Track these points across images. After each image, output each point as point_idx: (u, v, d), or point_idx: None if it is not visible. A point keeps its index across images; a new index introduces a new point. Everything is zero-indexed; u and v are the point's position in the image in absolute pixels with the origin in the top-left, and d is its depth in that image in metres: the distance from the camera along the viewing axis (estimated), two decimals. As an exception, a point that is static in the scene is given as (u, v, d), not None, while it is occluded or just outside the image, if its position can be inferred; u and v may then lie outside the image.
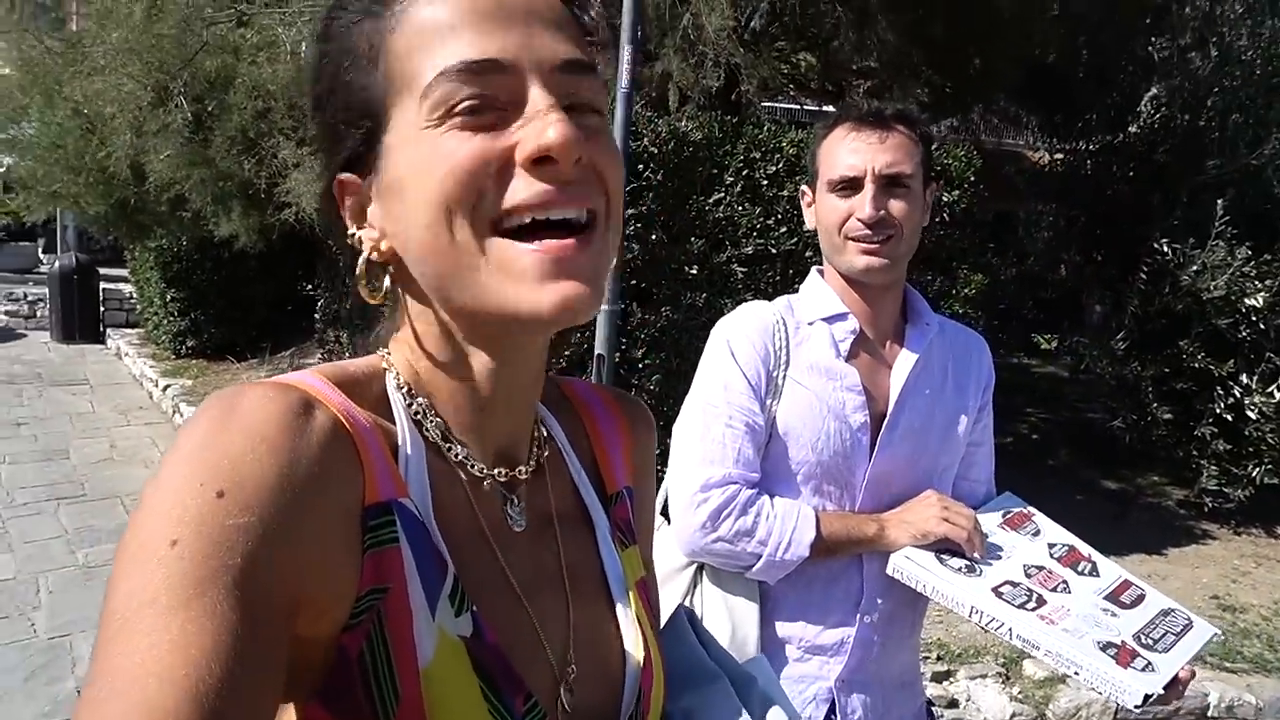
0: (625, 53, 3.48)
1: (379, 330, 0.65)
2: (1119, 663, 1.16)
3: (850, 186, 1.27)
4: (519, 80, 0.51)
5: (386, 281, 0.58)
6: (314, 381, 0.54)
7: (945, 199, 4.21)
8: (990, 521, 1.38)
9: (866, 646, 1.30)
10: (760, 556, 1.22)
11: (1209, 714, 3.23)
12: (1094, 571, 1.37)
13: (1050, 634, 1.17)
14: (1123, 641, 1.21)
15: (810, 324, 1.33)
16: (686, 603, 1.29)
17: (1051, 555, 1.37)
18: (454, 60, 0.50)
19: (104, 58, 4.77)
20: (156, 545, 0.43)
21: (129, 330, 10.00)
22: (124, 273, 10.29)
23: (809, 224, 1.38)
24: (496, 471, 0.61)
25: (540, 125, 0.50)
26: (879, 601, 1.30)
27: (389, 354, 0.61)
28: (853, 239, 1.27)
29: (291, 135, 4.59)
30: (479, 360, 0.59)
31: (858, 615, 1.29)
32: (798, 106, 7.48)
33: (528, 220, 0.51)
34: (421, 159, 0.51)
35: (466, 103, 0.50)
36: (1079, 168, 6.00)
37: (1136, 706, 1.12)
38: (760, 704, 0.70)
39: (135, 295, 9.75)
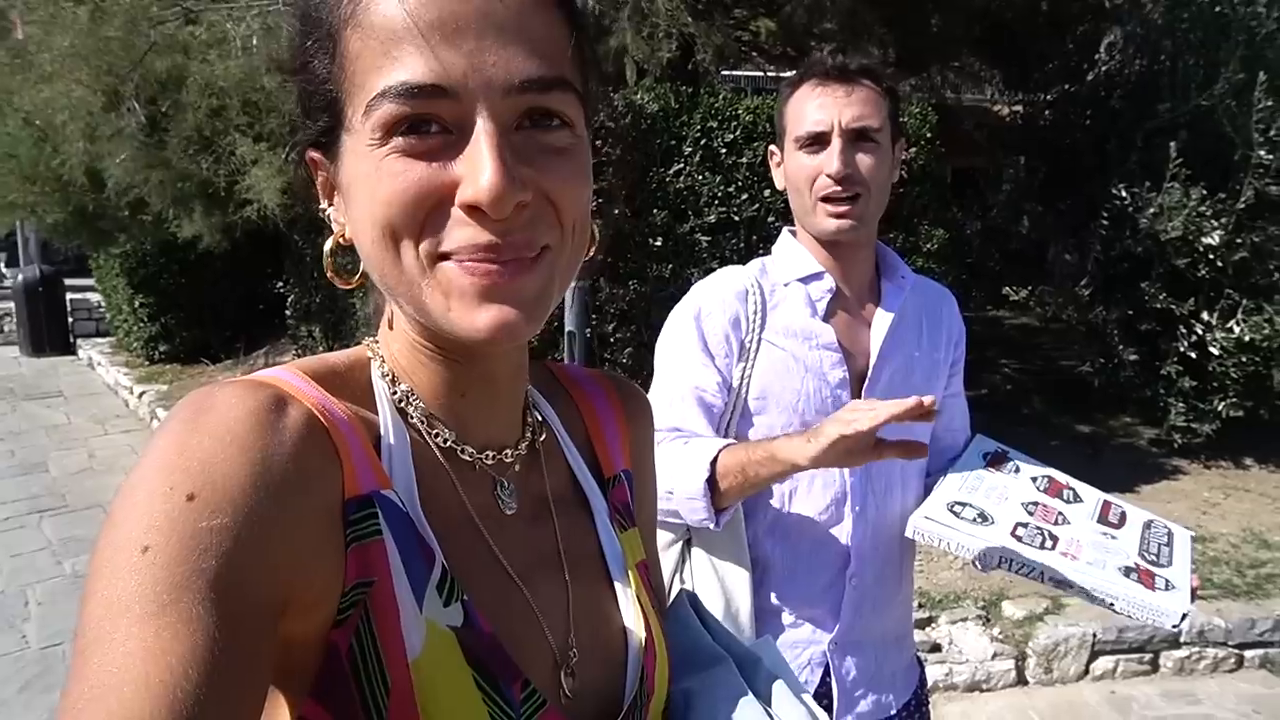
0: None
1: (366, 313, 0.65)
2: (1146, 586, 1.18)
3: (817, 142, 1.25)
4: (466, 105, 0.49)
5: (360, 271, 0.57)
6: (288, 377, 0.53)
7: (894, 158, 4.25)
8: (976, 466, 1.39)
9: (857, 608, 1.30)
10: (669, 500, 1.20)
11: (1180, 639, 3.34)
12: (1077, 498, 1.41)
13: (1079, 570, 1.17)
14: (1136, 563, 1.24)
15: (786, 285, 1.32)
16: (677, 578, 1.28)
17: (1038, 489, 1.39)
18: (395, 81, 0.48)
19: (51, 65, 4.69)
20: (129, 553, 0.43)
21: (100, 339, 9.89)
22: (90, 281, 10.15)
23: (779, 184, 1.37)
24: (484, 454, 0.61)
25: (475, 170, 0.48)
26: (866, 563, 1.30)
27: (375, 341, 0.61)
28: (823, 200, 1.26)
29: (248, 132, 4.54)
30: (449, 352, 0.58)
31: (846, 577, 1.29)
32: (760, 74, 7.46)
33: (464, 258, 0.50)
34: (366, 176, 0.50)
35: (408, 125, 0.49)
36: (1038, 119, 6.05)
37: (1175, 626, 1.14)
38: (765, 684, 0.69)
39: (103, 303, 9.63)
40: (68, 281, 10.05)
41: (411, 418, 0.59)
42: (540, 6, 0.51)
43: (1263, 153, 4.40)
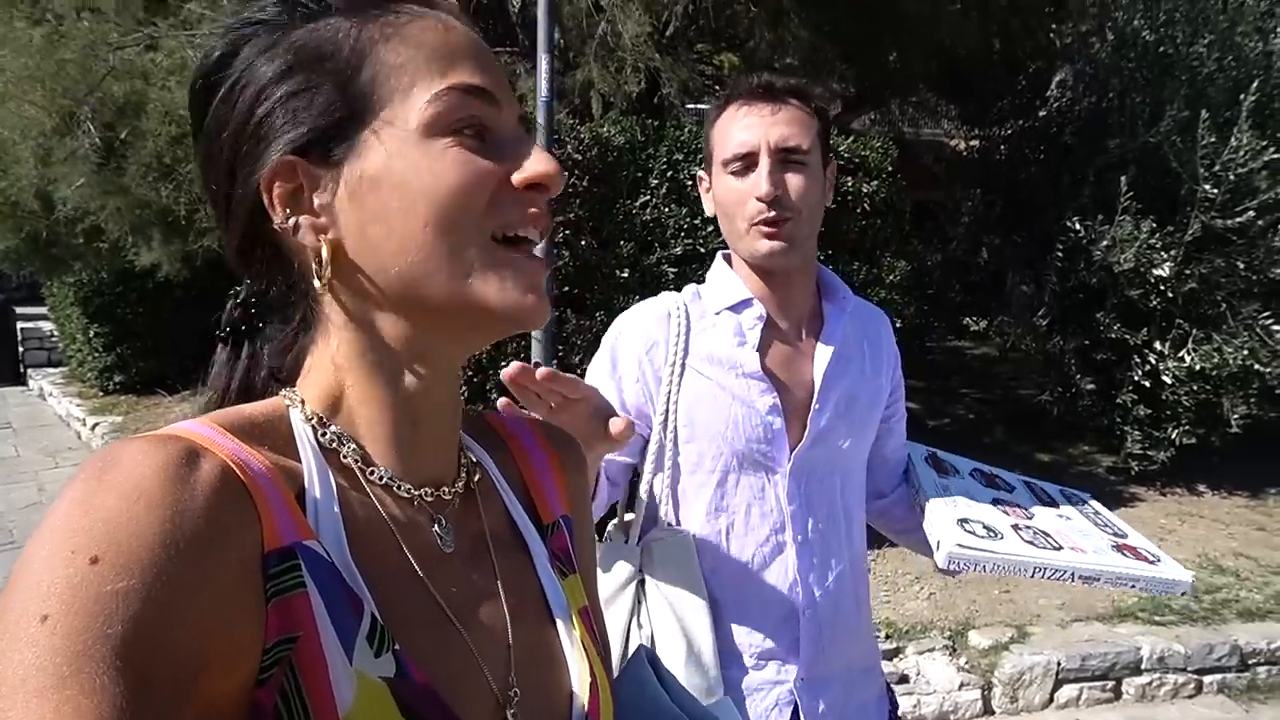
0: (543, 62, 3.49)
1: (265, 368, 0.63)
2: (1145, 561, 1.20)
3: (744, 163, 1.21)
4: (502, 113, 0.58)
5: (326, 274, 0.56)
6: (201, 429, 0.52)
7: (865, 190, 4.32)
8: (931, 473, 1.39)
9: (816, 641, 1.26)
10: None
11: (1142, 667, 3.38)
12: (1008, 485, 1.43)
13: (1095, 562, 1.17)
14: (1114, 541, 1.26)
15: (717, 313, 1.28)
16: (634, 622, 1.23)
17: (983, 485, 1.39)
18: (461, 80, 0.55)
19: (1, 85, 4.60)
20: (26, 623, 0.41)
21: (51, 369, 9.64)
22: (42, 310, 9.91)
23: (708, 210, 1.33)
24: (423, 491, 0.60)
25: (535, 159, 0.57)
26: (816, 594, 1.26)
27: (292, 391, 0.60)
28: (753, 223, 1.22)
29: (209, 159, 4.48)
30: (411, 369, 0.59)
31: (800, 611, 1.25)
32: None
33: (512, 235, 0.57)
34: (424, 165, 0.55)
35: (469, 121, 0.56)
36: (994, 154, 6.21)
37: (1184, 594, 1.18)
38: None
39: (56, 333, 9.40)
40: (18, 310, 9.80)
41: (344, 458, 0.58)
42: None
43: (1208, 187, 4.55)
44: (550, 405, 1.00)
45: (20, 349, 9.75)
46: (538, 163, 0.57)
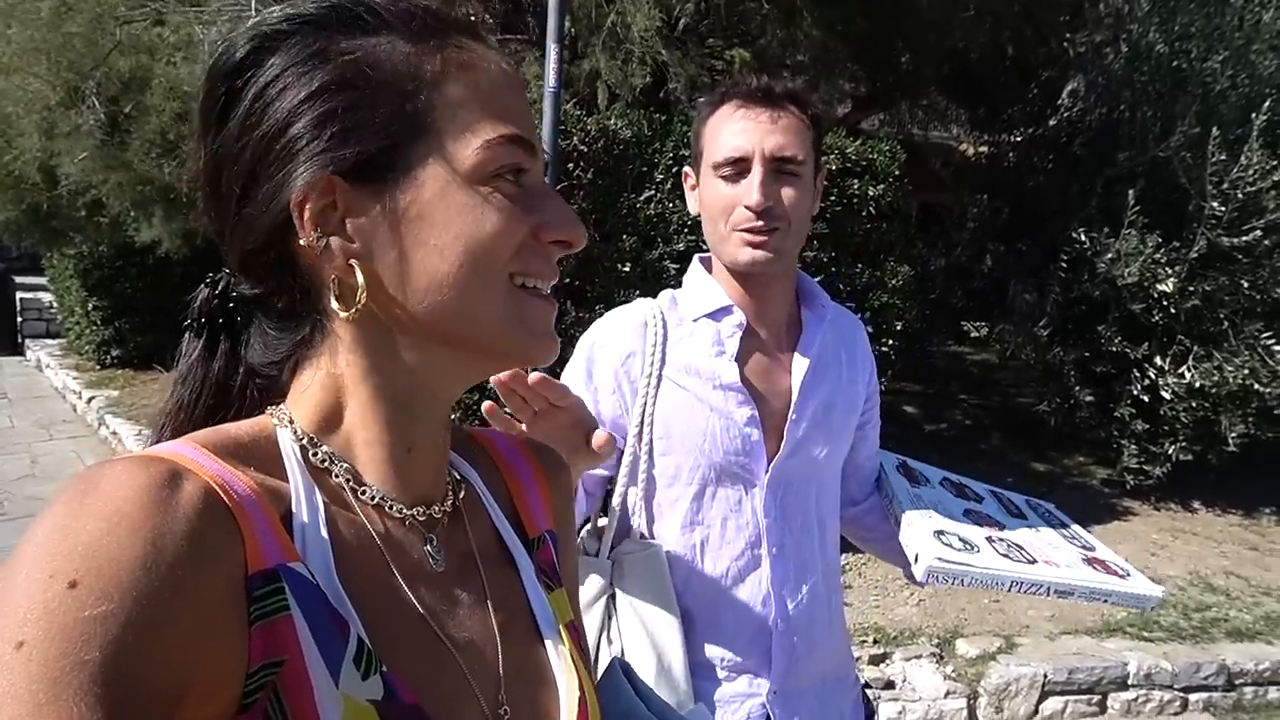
0: (551, 52, 3.47)
1: (244, 368, 0.61)
2: (1115, 575, 1.21)
3: (736, 169, 1.17)
4: (536, 162, 0.59)
5: (361, 299, 0.55)
6: (184, 450, 0.51)
7: (871, 193, 4.30)
8: (903, 483, 1.38)
9: (789, 653, 1.23)
10: None
11: (1128, 682, 3.38)
12: (976, 495, 1.43)
13: (1069, 576, 1.18)
14: (1083, 555, 1.27)
15: (695, 320, 1.25)
16: (604, 637, 1.22)
17: (953, 495, 1.39)
18: (511, 130, 0.57)
19: (7, 57, 4.58)
20: (2, 649, 0.40)
21: (50, 341, 9.62)
22: (43, 281, 9.89)
23: (692, 209, 1.29)
24: (416, 510, 0.60)
25: (564, 217, 0.59)
26: (790, 607, 1.24)
27: (281, 409, 0.59)
28: (739, 230, 1.18)
29: (214, 137, 4.46)
30: (416, 396, 0.59)
31: (771, 623, 1.23)
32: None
33: (531, 284, 0.59)
34: (469, 209, 0.55)
35: (511, 169, 0.57)
36: (1002, 160, 6.18)
37: (1153, 608, 1.19)
38: None
39: (55, 304, 9.38)
40: (18, 280, 9.78)
41: (334, 478, 0.58)
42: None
43: (1215, 204, 4.53)
44: (534, 410, 0.98)
45: (19, 319, 9.74)
46: (567, 223, 0.60)
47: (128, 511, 0.44)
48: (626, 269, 4.04)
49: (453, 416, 0.68)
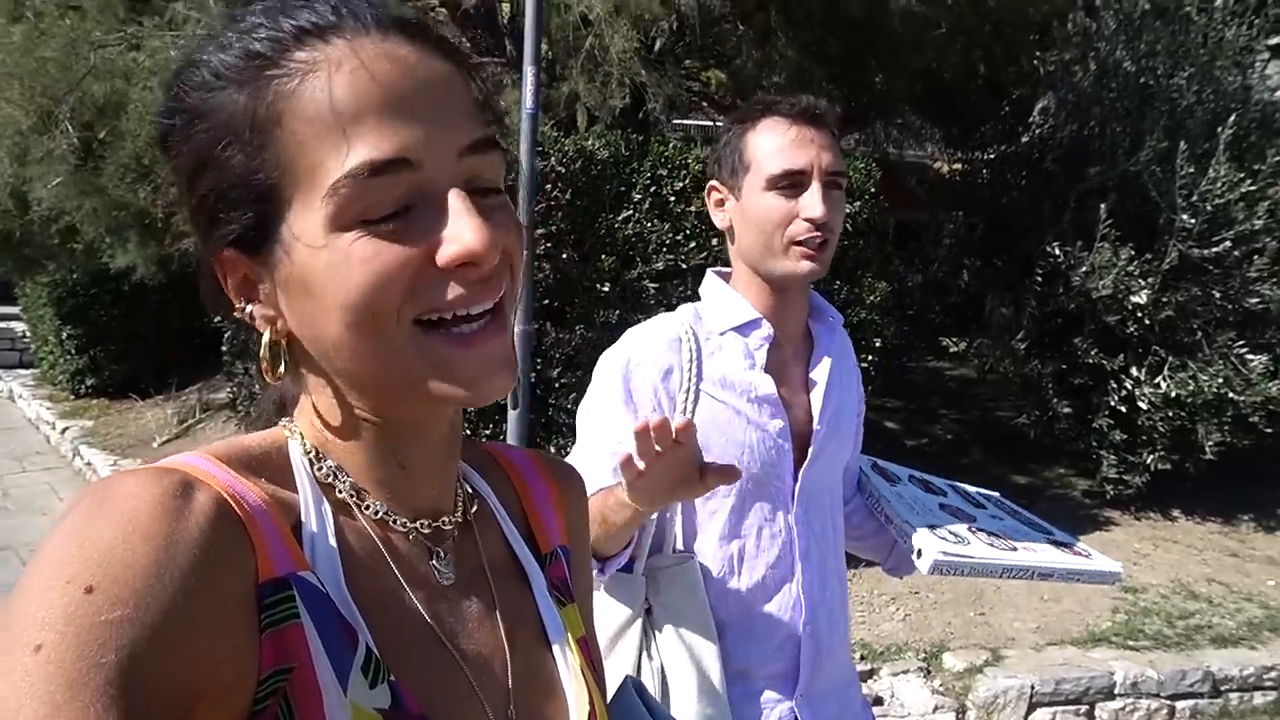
0: (529, 74, 3.48)
1: (275, 396, 0.63)
2: (1081, 556, 1.29)
3: (793, 184, 1.21)
4: (428, 173, 0.51)
5: (283, 362, 0.56)
6: (197, 461, 0.52)
7: (847, 210, 4.34)
8: (882, 481, 1.44)
9: (813, 657, 1.27)
10: None
11: (1115, 692, 3.38)
12: (940, 489, 1.48)
13: (1047, 559, 1.24)
14: (1050, 539, 1.33)
15: (722, 334, 1.27)
16: (644, 653, 1.23)
17: (923, 491, 1.44)
18: (357, 161, 0.49)
19: (-20, 82, 4.54)
20: (20, 652, 0.41)
21: (22, 371, 9.50)
22: (15, 310, 9.75)
23: (721, 223, 1.31)
24: (419, 524, 0.60)
25: (457, 230, 0.50)
26: (818, 609, 1.28)
27: (291, 423, 0.60)
28: (798, 242, 1.21)
29: (189, 162, 4.43)
30: (384, 431, 0.58)
31: (801, 627, 1.26)
32: (710, 123, 7.61)
33: (447, 317, 0.52)
34: (335, 264, 0.50)
35: (376, 206, 0.50)
36: (976, 177, 6.26)
37: (1116, 582, 1.27)
38: None
39: (28, 333, 9.25)
40: (-10, 309, 9.64)
41: (339, 492, 0.58)
42: (455, 74, 0.55)
43: (1185, 216, 4.61)
44: (657, 450, 0.97)
45: (-9, 349, 9.59)
46: (457, 239, 0.50)
47: (142, 520, 0.45)
48: (606, 289, 4.05)
49: (465, 429, 0.67)
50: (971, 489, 1.54)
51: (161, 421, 6.96)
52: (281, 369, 0.57)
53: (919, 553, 1.22)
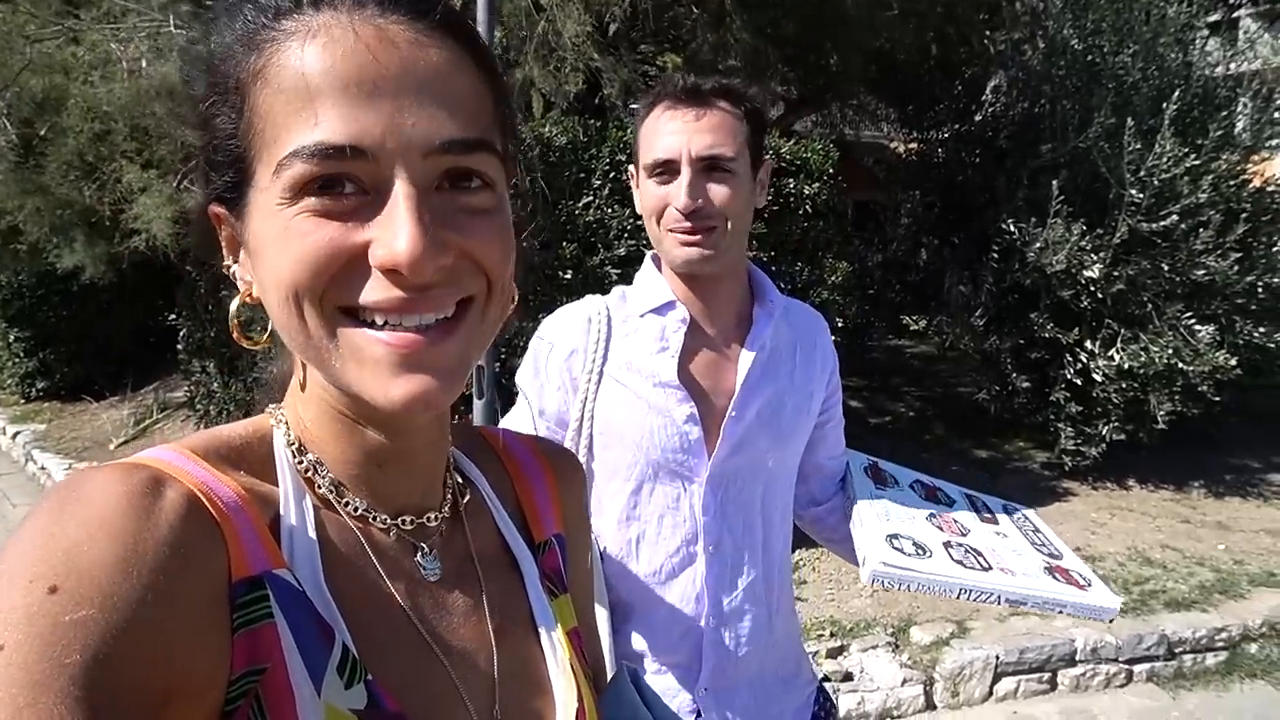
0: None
1: (269, 374, 0.62)
2: (1075, 585, 1.20)
3: (666, 171, 1.18)
4: (384, 166, 0.48)
5: (256, 330, 0.55)
6: (170, 457, 0.51)
7: (806, 192, 4.36)
8: (868, 484, 1.37)
9: (721, 650, 1.23)
10: None
11: (1076, 658, 3.47)
12: (949, 499, 1.43)
13: (1023, 585, 1.17)
14: (1047, 563, 1.26)
15: (641, 316, 1.25)
16: None
17: (922, 499, 1.38)
18: (310, 140, 0.47)
19: (-90, 80, 4.37)
20: None
21: (-31, 376, 9.18)
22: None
23: (639, 207, 1.28)
24: (400, 521, 0.59)
25: (391, 233, 0.47)
26: (724, 604, 1.24)
27: (280, 409, 0.59)
28: (671, 231, 1.18)
29: (135, 158, 4.32)
30: (357, 426, 0.57)
31: (704, 620, 1.23)
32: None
33: (369, 318, 0.49)
34: (274, 236, 0.49)
35: (320, 185, 0.47)
36: (932, 156, 6.33)
37: (1111, 620, 1.18)
38: None
39: (-27, 338, 8.96)
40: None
41: (320, 488, 0.57)
42: (462, 66, 0.51)
43: (1134, 191, 4.70)
44: None
45: (-66, 355, 9.27)
46: (385, 245, 0.47)
47: (108, 518, 0.44)
48: (568, 276, 4.03)
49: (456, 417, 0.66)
50: (995, 502, 1.47)
51: (118, 423, 6.80)
52: (259, 336, 0.56)
53: (863, 560, 1.18)
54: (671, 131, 1.17)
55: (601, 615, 1.20)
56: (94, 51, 4.41)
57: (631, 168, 1.29)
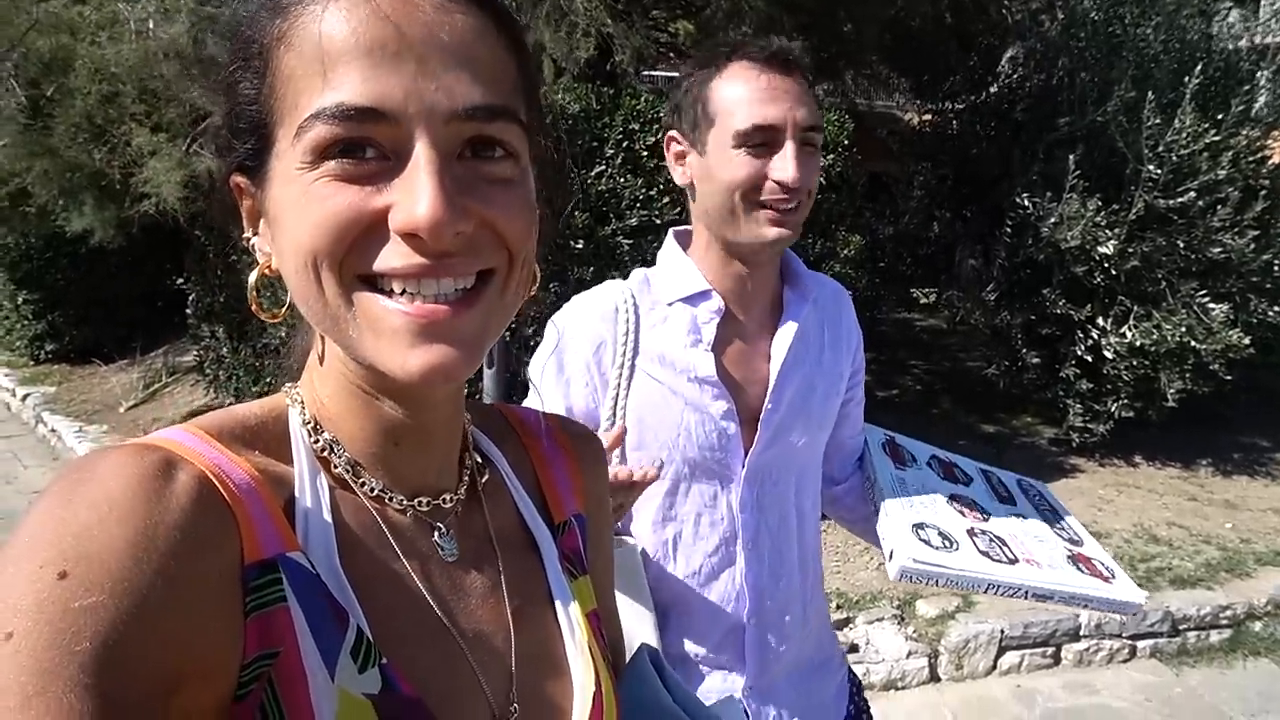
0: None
1: (288, 353, 0.62)
2: (1099, 577, 1.17)
3: (764, 141, 1.06)
4: (405, 130, 0.47)
5: (277, 303, 0.55)
6: (182, 438, 0.50)
7: (821, 164, 4.31)
8: (886, 463, 1.34)
9: (764, 649, 1.20)
10: None
11: (1080, 633, 3.50)
12: (966, 475, 1.40)
13: (1049, 579, 1.14)
14: (1070, 551, 1.23)
15: (669, 304, 1.17)
16: None
17: (940, 478, 1.35)
18: (331, 102, 0.46)
19: (-83, 39, 4.34)
20: None
21: (-22, 338, 9.22)
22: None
23: (681, 179, 1.17)
24: (417, 501, 0.59)
25: (412, 197, 0.46)
26: (766, 602, 1.20)
27: (296, 388, 0.59)
28: (767, 205, 1.08)
29: (145, 121, 4.29)
30: (374, 402, 0.56)
31: (745, 620, 1.19)
32: (678, 75, 7.48)
33: (387, 286, 0.49)
34: (293, 201, 0.48)
35: (341, 149, 0.47)
36: (946, 128, 6.25)
37: (1135, 613, 1.15)
38: None
39: (-18, 299, 8.98)
40: (-60, 275, 9.31)
41: (335, 467, 0.56)
42: (486, 34, 0.50)
43: (1152, 167, 4.64)
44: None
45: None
46: (405, 208, 0.46)
47: (119, 501, 0.44)
48: (580, 246, 4.01)
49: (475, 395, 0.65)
50: (1009, 477, 1.44)
51: (127, 386, 6.83)
52: (279, 310, 0.55)
53: (890, 555, 1.14)
54: (771, 99, 1.06)
55: (647, 618, 1.15)
56: (101, 11, 4.36)
57: (674, 134, 1.17)
